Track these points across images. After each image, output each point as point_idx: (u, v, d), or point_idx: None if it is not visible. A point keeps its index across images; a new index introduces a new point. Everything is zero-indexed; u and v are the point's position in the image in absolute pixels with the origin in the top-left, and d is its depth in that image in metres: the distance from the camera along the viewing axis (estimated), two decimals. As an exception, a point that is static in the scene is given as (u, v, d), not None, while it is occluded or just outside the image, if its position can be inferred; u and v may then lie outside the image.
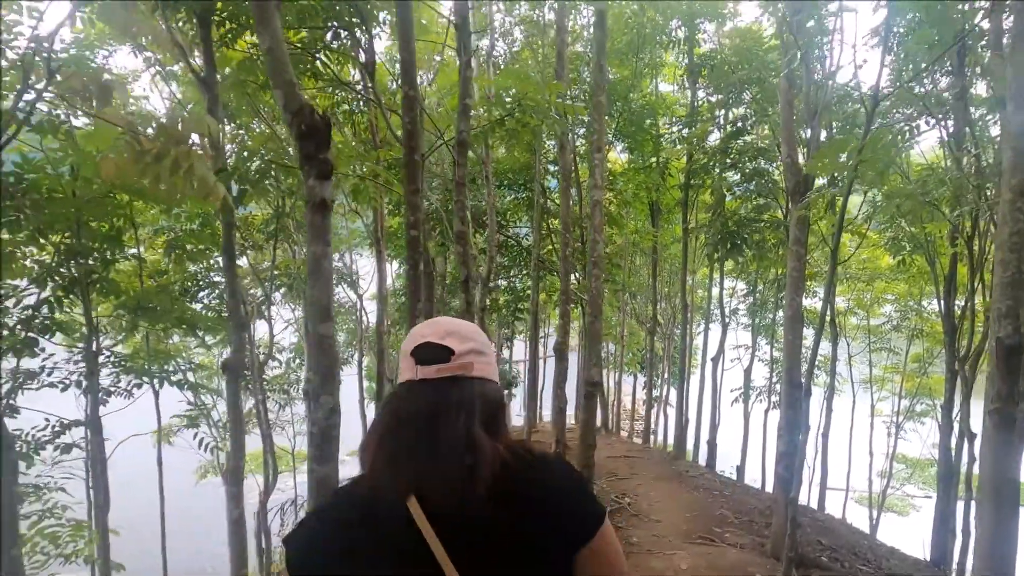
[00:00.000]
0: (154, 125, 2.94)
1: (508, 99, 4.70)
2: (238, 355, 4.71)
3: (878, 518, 13.87)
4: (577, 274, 12.82)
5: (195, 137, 4.24)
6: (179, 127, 3.00)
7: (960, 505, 8.36)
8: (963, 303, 8.97)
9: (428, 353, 0.97)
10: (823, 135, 8.03)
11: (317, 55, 5.34)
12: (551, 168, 12.23)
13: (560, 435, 6.92)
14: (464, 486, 0.87)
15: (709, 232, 8.71)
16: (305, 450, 11.12)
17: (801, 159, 6.33)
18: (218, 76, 6.25)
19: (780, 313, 15.93)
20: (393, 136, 5.71)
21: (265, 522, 8.96)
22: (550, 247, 13.26)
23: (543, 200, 11.81)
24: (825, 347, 14.70)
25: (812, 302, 14.51)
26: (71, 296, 5.66)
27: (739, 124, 8.80)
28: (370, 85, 5.61)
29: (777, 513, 6.06)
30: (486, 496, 0.88)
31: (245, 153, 5.01)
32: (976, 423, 8.10)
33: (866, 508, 15.28)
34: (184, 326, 7.36)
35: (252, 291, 11.72)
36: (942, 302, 9.18)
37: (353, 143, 6.84)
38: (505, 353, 23.19)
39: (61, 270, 5.49)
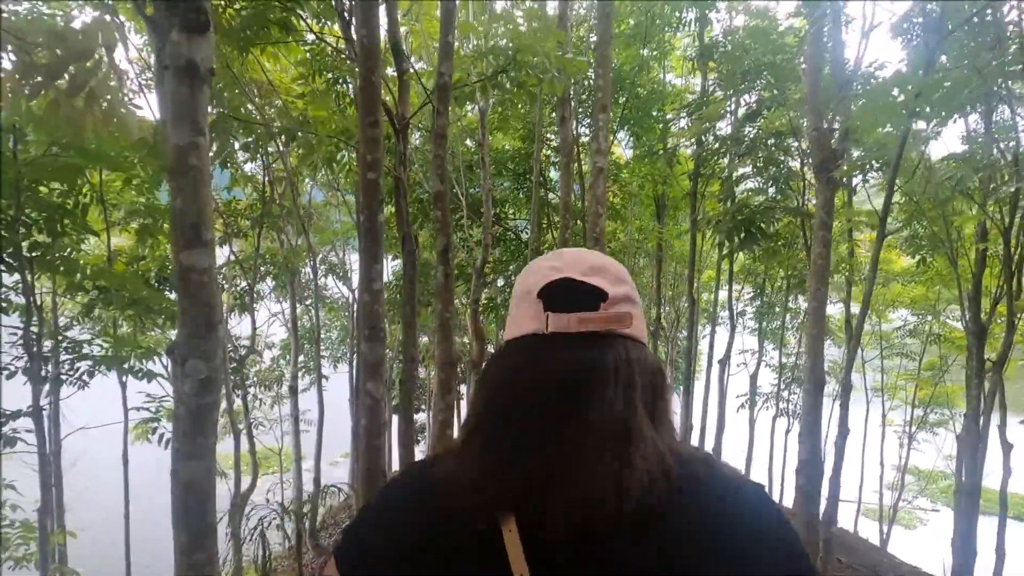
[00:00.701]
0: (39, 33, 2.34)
1: (501, 46, 4.14)
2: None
3: (888, 532, 13.27)
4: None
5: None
6: (79, 36, 2.38)
7: (986, 521, 7.75)
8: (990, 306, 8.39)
9: (567, 295, 0.65)
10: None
11: (289, 4, 4.77)
12: (553, 158, 11.69)
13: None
14: (607, 498, 0.56)
15: (722, 220, 8.12)
16: (291, 449, 10.48)
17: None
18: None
19: (788, 317, 15.36)
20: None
21: (237, 526, 8.35)
22: (550, 242, 12.68)
23: (543, 191, 11.23)
24: (836, 352, 14.17)
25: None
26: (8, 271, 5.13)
27: (754, 107, 8.19)
28: (353, 42, 5.03)
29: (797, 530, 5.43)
30: (630, 521, 0.56)
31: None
32: (1012, 433, 7.51)
33: (873, 521, 14.70)
34: (163, 316, 6.87)
35: (238, 282, 11.18)
36: (967, 304, 8.61)
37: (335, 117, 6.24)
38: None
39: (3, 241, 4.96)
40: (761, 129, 8.43)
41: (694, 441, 13.45)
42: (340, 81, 6.96)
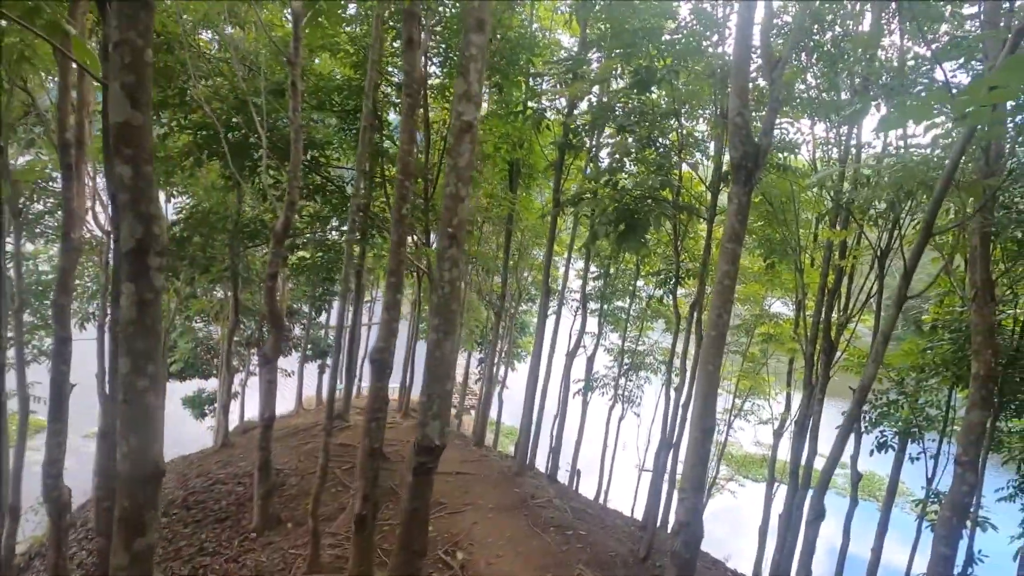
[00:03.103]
0: None
1: None
2: None
3: (704, 504, 14.03)
4: (416, 237, 10.34)
5: None
6: None
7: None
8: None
9: None
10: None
11: None
12: (394, 97, 9.46)
13: (368, 490, 4.48)
14: None
15: (599, 208, 6.80)
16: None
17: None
18: None
19: (629, 302, 15.16)
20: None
21: None
22: (382, 199, 10.56)
23: (378, 136, 9.00)
24: (667, 340, 14.30)
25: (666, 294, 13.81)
26: None
27: (642, 75, 6.83)
28: None
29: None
30: None
31: None
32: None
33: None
34: None
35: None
36: (816, 317, 8.57)
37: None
38: (322, 318, 19.96)
39: None
40: (642, 102, 7.20)
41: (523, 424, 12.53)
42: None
